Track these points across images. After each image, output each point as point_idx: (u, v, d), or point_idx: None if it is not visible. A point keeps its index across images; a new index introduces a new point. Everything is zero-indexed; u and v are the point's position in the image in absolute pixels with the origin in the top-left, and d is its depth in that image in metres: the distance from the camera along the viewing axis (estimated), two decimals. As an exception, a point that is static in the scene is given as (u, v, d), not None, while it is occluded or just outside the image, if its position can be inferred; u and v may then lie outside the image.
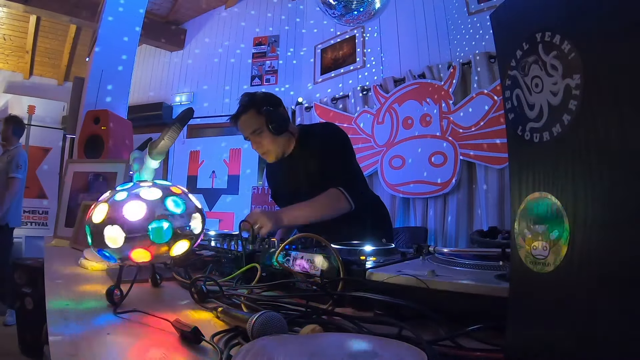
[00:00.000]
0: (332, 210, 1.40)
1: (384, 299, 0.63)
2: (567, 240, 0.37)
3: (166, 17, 5.24)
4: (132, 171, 1.07)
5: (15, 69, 5.59)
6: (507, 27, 0.47)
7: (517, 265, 0.44)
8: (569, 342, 0.37)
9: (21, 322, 2.60)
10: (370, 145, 3.52)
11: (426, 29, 3.46)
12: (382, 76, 3.66)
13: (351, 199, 1.40)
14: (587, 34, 0.36)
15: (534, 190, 0.42)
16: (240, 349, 0.42)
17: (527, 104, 0.43)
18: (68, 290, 0.85)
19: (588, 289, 0.35)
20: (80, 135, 2.32)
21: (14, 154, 3.25)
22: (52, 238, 1.85)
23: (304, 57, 4.46)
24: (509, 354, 0.45)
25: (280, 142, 1.52)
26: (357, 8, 2.56)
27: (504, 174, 2.79)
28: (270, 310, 0.53)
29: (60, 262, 1.20)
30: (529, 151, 0.43)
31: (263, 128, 1.48)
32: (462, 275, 0.66)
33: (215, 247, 1.08)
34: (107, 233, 0.71)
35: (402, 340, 0.47)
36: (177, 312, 0.68)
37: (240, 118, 1.51)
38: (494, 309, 0.51)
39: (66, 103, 5.19)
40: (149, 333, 0.58)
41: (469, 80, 3.10)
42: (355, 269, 0.75)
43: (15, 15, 4.83)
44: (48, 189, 5.24)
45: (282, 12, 4.75)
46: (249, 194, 4.11)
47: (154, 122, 4.76)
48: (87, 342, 0.54)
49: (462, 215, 3.00)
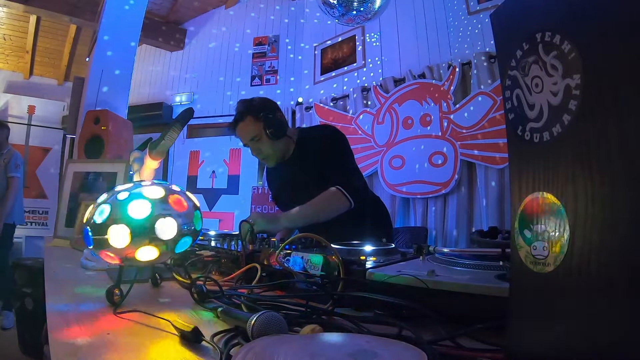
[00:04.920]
0: (331, 210, 1.41)
1: (384, 299, 0.63)
2: (567, 240, 0.37)
3: (166, 17, 5.23)
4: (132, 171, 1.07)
5: (15, 69, 5.59)
6: (507, 27, 0.47)
7: (517, 265, 0.44)
8: (569, 342, 0.37)
9: (21, 322, 2.59)
10: (370, 145, 3.52)
11: (426, 29, 3.46)
12: (382, 76, 3.66)
13: (350, 196, 1.40)
14: (587, 34, 0.36)
15: (534, 190, 0.42)
16: (240, 349, 0.42)
17: (527, 104, 0.43)
18: (68, 290, 0.85)
19: (588, 289, 0.35)
20: (80, 135, 2.33)
21: (10, 155, 3.32)
22: (52, 238, 1.85)
23: (304, 57, 4.46)
24: (509, 354, 0.45)
25: (279, 147, 1.53)
26: (357, 8, 2.56)
27: (504, 174, 2.79)
28: (270, 310, 0.53)
29: (60, 262, 1.20)
30: (529, 151, 0.43)
31: (261, 134, 1.48)
32: (462, 275, 0.66)
33: (215, 247, 1.08)
34: (110, 233, 0.71)
35: (402, 340, 0.47)
36: (177, 312, 0.68)
37: (238, 125, 1.51)
38: (493, 309, 0.51)
39: (66, 103, 5.19)
40: (149, 333, 0.58)
41: (469, 80, 3.10)
42: (355, 269, 0.75)
43: (15, 15, 4.83)
44: (48, 189, 5.24)
45: (282, 12, 4.75)
46: (249, 194, 4.11)
47: (154, 122, 4.76)
48: (87, 342, 0.54)
49: (462, 215, 3.00)
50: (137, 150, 1.16)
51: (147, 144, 1.11)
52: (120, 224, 0.71)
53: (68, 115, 3.16)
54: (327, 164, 1.47)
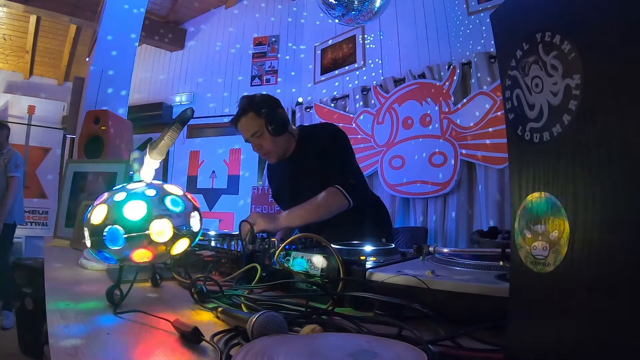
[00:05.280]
0: (330, 209, 1.41)
1: (384, 299, 0.63)
2: (567, 240, 0.37)
3: (166, 17, 5.23)
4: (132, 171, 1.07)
5: (15, 69, 5.59)
6: (507, 27, 0.47)
7: (517, 265, 0.44)
8: (569, 342, 0.37)
9: (21, 322, 2.60)
10: (370, 145, 3.53)
11: (426, 29, 3.46)
12: (382, 76, 3.66)
13: (349, 196, 1.41)
14: (587, 34, 0.36)
15: (534, 190, 0.42)
16: (240, 349, 0.42)
17: (527, 104, 0.43)
18: (68, 290, 0.85)
19: (588, 289, 0.35)
20: (80, 135, 2.33)
21: (10, 155, 3.32)
22: (52, 238, 1.85)
23: (304, 57, 4.46)
24: (509, 354, 0.45)
25: (281, 143, 1.53)
26: (357, 8, 2.56)
27: (504, 174, 2.79)
28: (270, 310, 0.53)
29: (60, 262, 1.20)
30: (529, 151, 0.43)
31: (263, 130, 1.48)
32: (462, 275, 0.66)
33: (215, 247, 1.08)
34: (108, 234, 0.71)
35: (402, 340, 0.47)
36: (177, 312, 0.68)
37: (240, 121, 1.51)
38: (493, 309, 0.51)
39: (66, 103, 5.19)
40: (149, 333, 0.58)
41: (469, 80, 3.10)
42: (355, 269, 0.75)
43: (15, 15, 4.83)
44: (48, 189, 5.24)
45: (282, 12, 4.75)
46: (249, 194, 4.11)
47: (154, 122, 4.76)
48: (87, 342, 0.54)
49: (462, 215, 3.00)
50: (137, 150, 1.16)
51: (147, 144, 1.10)
52: (117, 225, 0.70)
53: (68, 115, 3.17)
54: (327, 162, 1.47)
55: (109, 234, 0.71)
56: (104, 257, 0.74)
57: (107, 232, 0.71)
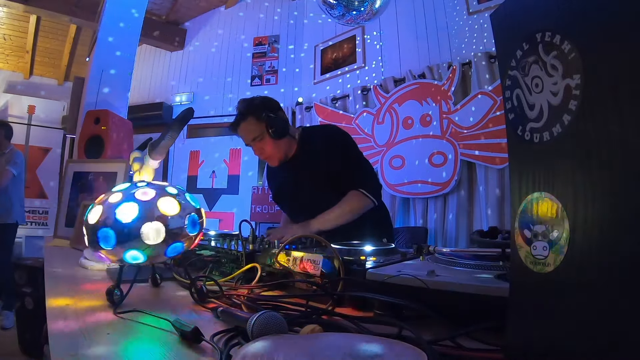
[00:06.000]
0: (359, 212, 1.44)
1: (384, 299, 0.63)
2: (567, 240, 0.37)
3: (166, 17, 5.23)
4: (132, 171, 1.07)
5: (15, 69, 5.59)
6: (507, 27, 0.47)
7: (517, 265, 0.44)
8: (569, 342, 0.37)
9: (21, 322, 2.60)
10: (370, 145, 3.52)
11: (426, 29, 3.46)
12: (382, 76, 3.66)
13: (372, 196, 1.45)
14: (587, 34, 0.36)
15: (534, 190, 0.42)
16: (240, 349, 0.42)
17: (527, 104, 0.43)
18: (68, 290, 0.85)
19: (588, 289, 0.35)
20: (80, 135, 2.32)
21: (11, 154, 3.30)
22: (52, 238, 1.85)
23: (304, 57, 4.46)
24: (509, 354, 0.45)
25: (282, 146, 1.52)
26: (357, 8, 2.56)
27: (504, 174, 2.79)
28: (270, 310, 0.53)
29: (60, 262, 1.20)
30: (529, 151, 0.43)
31: (264, 134, 1.47)
32: (462, 275, 0.66)
33: (215, 247, 1.08)
34: (101, 235, 0.71)
35: (402, 340, 0.47)
36: (177, 312, 0.68)
37: (240, 126, 1.50)
38: (493, 309, 0.51)
39: (66, 103, 5.19)
40: (149, 333, 0.58)
41: (469, 80, 3.10)
42: (355, 269, 0.75)
43: (15, 15, 4.83)
44: (48, 189, 5.24)
45: (282, 12, 4.75)
46: (249, 194, 4.11)
47: (154, 122, 4.76)
48: (87, 342, 0.54)
49: (462, 215, 3.00)
50: (137, 150, 1.16)
51: (147, 144, 1.10)
52: (110, 226, 0.70)
53: (68, 115, 3.16)
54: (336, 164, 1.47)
55: (102, 235, 0.71)
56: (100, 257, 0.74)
57: (100, 233, 0.71)
